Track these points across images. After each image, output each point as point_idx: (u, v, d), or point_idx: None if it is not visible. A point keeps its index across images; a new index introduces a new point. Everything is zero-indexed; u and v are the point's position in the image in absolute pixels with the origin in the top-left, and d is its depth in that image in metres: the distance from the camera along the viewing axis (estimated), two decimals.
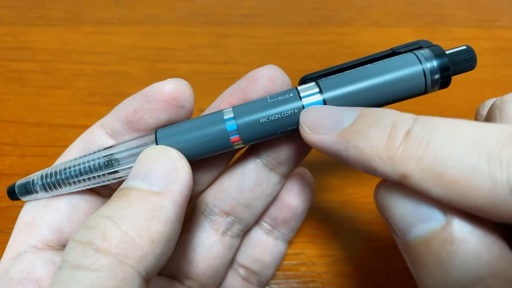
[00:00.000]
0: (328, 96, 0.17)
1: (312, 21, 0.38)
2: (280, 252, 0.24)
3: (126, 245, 0.14)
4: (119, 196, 0.15)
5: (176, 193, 0.15)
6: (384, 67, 0.17)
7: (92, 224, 0.14)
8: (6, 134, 0.31)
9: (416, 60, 0.17)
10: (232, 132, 0.17)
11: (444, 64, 0.17)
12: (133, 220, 0.14)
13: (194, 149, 0.18)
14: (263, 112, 0.17)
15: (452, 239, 0.13)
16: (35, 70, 0.34)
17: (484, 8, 0.39)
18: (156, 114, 0.18)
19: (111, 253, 0.13)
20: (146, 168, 0.16)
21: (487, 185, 0.12)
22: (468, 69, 0.17)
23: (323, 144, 0.16)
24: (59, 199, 0.19)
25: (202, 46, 0.36)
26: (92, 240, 0.14)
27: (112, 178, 0.18)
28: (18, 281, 0.17)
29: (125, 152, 0.18)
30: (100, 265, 0.13)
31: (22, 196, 0.19)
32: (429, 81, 0.17)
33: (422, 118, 0.14)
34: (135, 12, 0.38)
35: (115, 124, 0.19)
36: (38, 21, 0.37)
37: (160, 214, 0.15)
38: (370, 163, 0.14)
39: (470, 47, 0.17)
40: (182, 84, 0.18)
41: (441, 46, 0.17)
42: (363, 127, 0.15)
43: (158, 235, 0.14)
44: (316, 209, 0.28)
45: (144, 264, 0.14)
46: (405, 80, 0.17)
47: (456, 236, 0.13)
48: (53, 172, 0.18)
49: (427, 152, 0.13)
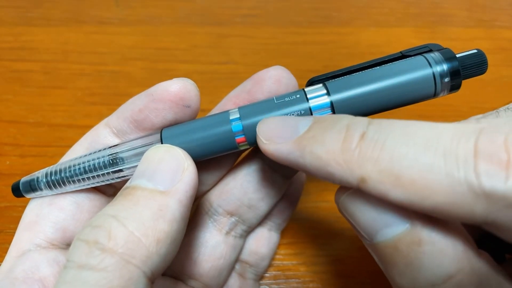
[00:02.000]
0: (335, 98, 0.17)
1: (312, 21, 0.38)
2: (275, 242, 0.25)
3: (132, 245, 0.14)
4: (124, 195, 0.15)
5: (182, 192, 0.15)
6: (393, 69, 0.17)
7: (98, 223, 0.14)
8: (6, 134, 0.31)
9: (426, 63, 0.16)
10: (238, 132, 0.17)
11: (455, 68, 0.16)
12: (139, 220, 0.14)
13: (200, 149, 0.18)
14: (269, 113, 0.17)
15: (419, 241, 0.13)
16: (35, 70, 0.34)
17: (484, 8, 0.39)
18: (162, 113, 0.18)
19: (117, 252, 0.13)
20: (152, 167, 0.16)
21: (445, 184, 0.12)
22: (479, 73, 0.17)
23: (280, 153, 0.15)
24: (63, 197, 0.19)
25: (202, 46, 0.36)
26: (98, 240, 0.14)
27: (116, 177, 0.18)
28: (23, 280, 0.17)
29: (130, 151, 0.18)
30: (106, 265, 0.13)
31: (26, 193, 0.19)
32: (439, 84, 0.17)
33: (376, 121, 0.14)
34: (135, 12, 0.38)
35: (120, 123, 0.19)
36: (38, 21, 0.37)
37: (166, 213, 0.15)
38: (327, 169, 0.14)
39: (481, 50, 0.17)
40: (188, 84, 0.18)
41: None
42: (317, 132, 0.15)
43: (163, 234, 0.14)
44: (316, 209, 0.28)
45: (150, 264, 0.14)
46: (414, 84, 0.16)
47: (422, 238, 0.13)
48: (58, 169, 0.18)
49: (383, 153, 0.13)
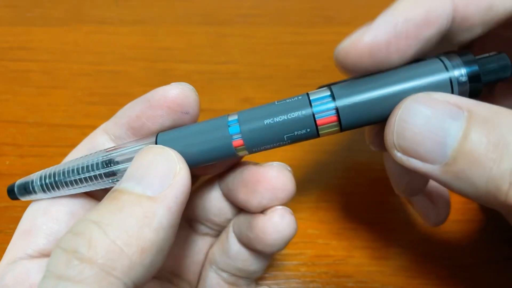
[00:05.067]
0: (341, 104, 0.16)
1: (312, 21, 0.38)
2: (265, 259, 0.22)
3: (113, 255, 0.13)
4: (110, 199, 0.15)
5: (171, 199, 0.15)
6: (406, 73, 0.15)
7: (78, 230, 0.14)
8: (6, 134, 0.30)
9: (443, 67, 0.15)
10: (235, 134, 0.16)
11: (474, 73, 0.15)
12: (122, 228, 0.13)
13: (196, 155, 0.17)
14: (269, 117, 0.16)
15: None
16: (35, 70, 0.34)
17: None
18: (160, 120, 0.17)
19: (96, 263, 0.13)
20: (141, 169, 0.15)
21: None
22: (502, 78, 0.15)
23: (427, 174, 0.14)
24: (58, 207, 0.18)
25: (202, 46, 0.36)
26: (77, 249, 0.13)
27: (110, 180, 0.18)
28: (12, 287, 0.17)
29: (123, 154, 0.17)
30: (84, 277, 0.13)
31: (21, 196, 0.19)
32: (456, 91, 0.15)
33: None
34: (135, 12, 0.38)
35: (118, 130, 0.19)
36: (38, 21, 0.37)
37: (152, 221, 0.14)
38: (493, 193, 0.13)
39: (504, 54, 0.16)
40: (187, 89, 0.17)
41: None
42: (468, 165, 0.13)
43: (149, 243, 0.14)
44: (316, 209, 0.28)
45: (132, 275, 0.13)
46: (429, 90, 0.15)
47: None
48: (52, 172, 0.18)
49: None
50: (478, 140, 0.13)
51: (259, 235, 0.18)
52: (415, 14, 0.15)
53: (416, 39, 0.15)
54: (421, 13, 0.15)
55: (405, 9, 0.15)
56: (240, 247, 0.20)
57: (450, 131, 0.14)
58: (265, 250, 0.19)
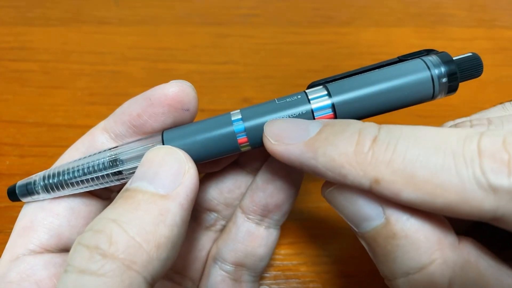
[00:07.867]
0: (337, 100, 0.17)
1: (312, 21, 0.38)
2: (273, 240, 0.23)
3: (133, 250, 0.14)
4: (125, 198, 0.15)
5: (183, 196, 0.15)
6: (393, 72, 0.17)
7: (99, 227, 0.14)
8: (6, 134, 0.31)
9: (424, 66, 0.17)
10: (240, 133, 0.17)
11: (452, 71, 0.17)
12: (140, 225, 0.14)
13: (202, 151, 0.18)
14: (271, 114, 0.17)
15: (393, 235, 0.15)
16: (35, 70, 0.34)
17: (484, 8, 0.39)
18: (161, 118, 0.18)
19: (118, 258, 0.13)
20: (153, 169, 0.16)
21: (456, 182, 0.13)
22: (475, 76, 0.18)
23: (290, 153, 0.16)
24: (58, 203, 0.19)
25: (202, 46, 0.36)
26: (98, 245, 0.14)
27: (116, 179, 0.18)
28: (18, 283, 0.17)
29: (130, 153, 0.18)
30: (106, 271, 0.13)
31: (23, 197, 0.19)
32: (437, 87, 0.17)
33: (385, 126, 0.15)
34: (135, 12, 0.38)
35: (119, 127, 0.19)
36: (38, 21, 0.37)
37: (167, 218, 0.15)
38: (340, 170, 0.14)
39: (476, 54, 0.18)
40: (186, 87, 0.18)
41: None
42: (330, 135, 0.15)
43: (164, 239, 0.14)
44: (316, 209, 0.28)
45: (150, 269, 0.14)
46: (413, 86, 0.17)
47: (396, 231, 0.15)
48: (56, 172, 0.18)
49: (395, 155, 0.14)
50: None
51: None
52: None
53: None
54: None
55: None
56: (249, 224, 0.22)
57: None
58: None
